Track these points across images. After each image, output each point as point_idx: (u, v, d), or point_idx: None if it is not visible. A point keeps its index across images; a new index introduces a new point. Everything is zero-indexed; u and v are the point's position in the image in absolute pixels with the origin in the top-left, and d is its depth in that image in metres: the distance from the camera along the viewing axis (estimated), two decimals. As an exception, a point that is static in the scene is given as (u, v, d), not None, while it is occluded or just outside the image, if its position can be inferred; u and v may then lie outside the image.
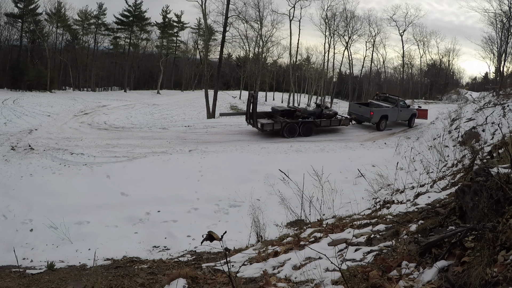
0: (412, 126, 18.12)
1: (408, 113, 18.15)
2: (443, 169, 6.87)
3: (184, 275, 3.12)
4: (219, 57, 24.98)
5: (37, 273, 4.51)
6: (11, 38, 40.29)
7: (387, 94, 20.00)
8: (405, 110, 17.98)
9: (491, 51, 35.93)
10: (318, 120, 15.21)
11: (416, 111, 18.64)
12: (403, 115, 18.04)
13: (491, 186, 2.44)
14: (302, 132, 14.64)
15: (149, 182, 8.80)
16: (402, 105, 18.05)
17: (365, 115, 17.07)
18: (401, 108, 17.72)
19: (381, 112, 17.16)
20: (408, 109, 18.23)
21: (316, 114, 15.51)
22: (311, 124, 14.87)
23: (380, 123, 16.95)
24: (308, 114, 15.30)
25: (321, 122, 15.18)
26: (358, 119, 17.63)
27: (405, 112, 18.09)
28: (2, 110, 20.42)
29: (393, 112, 17.53)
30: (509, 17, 25.36)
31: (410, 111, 18.21)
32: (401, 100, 18.61)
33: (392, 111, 17.46)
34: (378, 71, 51.19)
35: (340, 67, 43.74)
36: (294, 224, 5.41)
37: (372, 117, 16.75)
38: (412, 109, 18.67)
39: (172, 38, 53.90)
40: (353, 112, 17.81)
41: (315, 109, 16.21)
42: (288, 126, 14.29)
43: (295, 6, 32.66)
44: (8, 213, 7.25)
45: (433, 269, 2.22)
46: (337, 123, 15.95)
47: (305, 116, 15.09)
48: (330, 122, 15.59)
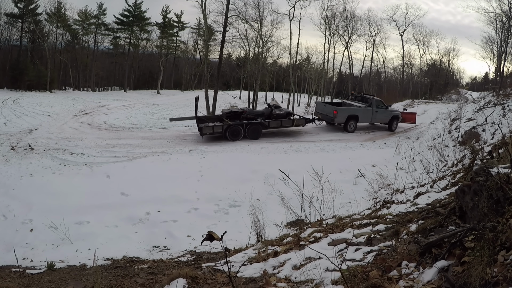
0: (393, 130, 16.60)
1: (387, 115, 16.73)
2: (443, 169, 6.87)
3: (184, 275, 3.12)
4: (219, 57, 24.96)
5: (37, 273, 4.51)
6: (11, 38, 40.32)
7: (362, 93, 18.75)
8: (382, 111, 16.61)
9: (491, 51, 35.97)
10: (267, 121, 14.24)
11: (399, 114, 17.16)
12: (380, 116, 16.64)
13: (491, 186, 2.44)
14: (248, 135, 13.74)
15: (149, 182, 8.79)
16: (379, 105, 16.64)
17: (329, 115, 15.75)
18: (377, 108, 16.34)
19: (347, 111, 15.84)
20: (387, 110, 16.80)
21: (265, 114, 14.56)
22: (257, 126, 13.96)
23: (348, 124, 15.64)
24: (255, 115, 14.46)
25: (269, 123, 14.20)
26: (323, 119, 16.38)
27: (383, 114, 16.66)
28: (2, 110, 20.42)
29: (365, 112, 16.10)
30: (509, 17, 25.35)
31: (389, 113, 16.80)
32: (379, 100, 17.25)
33: (364, 111, 16.07)
34: (378, 71, 51.21)
35: (340, 67, 43.78)
36: (294, 224, 5.41)
37: (336, 117, 15.43)
38: (393, 110, 17.19)
39: (172, 38, 53.90)
40: (319, 112, 16.66)
41: (264, 110, 15.17)
42: (231, 129, 13.49)
43: (295, 6, 32.61)
44: (8, 213, 7.25)
45: (433, 269, 2.22)
46: (290, 124, 14.81)
47: (252, 118, 14.24)
48: (281, 122, 14.52)
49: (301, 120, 15.24)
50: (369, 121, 16.53)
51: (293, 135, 15.19)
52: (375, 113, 16.32)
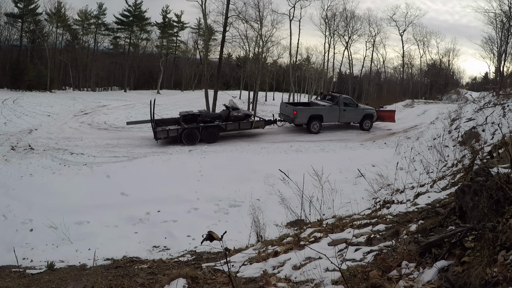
0: (367, 129, 15.93)
1: (358, 113, 16.01)
2: (443, 169, 6.87)
3: (184, 275, 3.12)
4: (219, 57, 24.96)
5: (37, 273, 4.51)
6: (11, 38, 40.31)
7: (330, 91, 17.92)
8: (352, 110, 15.86)
9: (491, 51, 35.99)
10: (224, 123, 13.79)
11: (373, 112, 16.39)
12: (350, 115, 15.91)
13: (491, 186, 2.44)
14: (204, 138, 13.30)
15: (149, 182, 8.79)
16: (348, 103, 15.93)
17: (290, 116, 15.08)
18: (345, 107, 15.62)
19: (309, 111, 15.13)
20: (357, 109, 16.06)
21: (222, 117, 14.11)
22: (213, 129, 13.55)
23: (311, 124, 14.99)
24: (212, 118, 14.03)
25: (226, 126, 13.76)
26: (286, 120, 15.70)
27: (353, 113, 15.92)
28: (2, 110, 20.41)
29: (331, 112, 15.35)
30: (509, 17, 25.36)
31: (360, 112, 16.07)
32: (348, 98, 16.55)
33: (330, 110, 15.33)
34: (378, 71, 51.22)
35: (340, 67, 43.84)
36: (294, 224, 5.41)
37: (296, 118, 14.78)
38: (365, 108, 16.43)
39: (172, 38, 53.90)
40: (282, 112, 16.01)
41: (222, 112, 14.68)
42: (187, 132, 13.05)
43: (295, 6, 32.65)
44: (8, 213, 7.25)
45: (433, 269, 2.22)
46: (248, 126, 14.29)
47: (208, 120, 13.82)
48: (239, 125, 14.04)
49: (260, 122, 14.62)
50: (336, 120, 15.84)
51: (293, 135, 15.19)
52: (342, 112, 15.63)
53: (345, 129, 16.57)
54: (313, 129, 15.13)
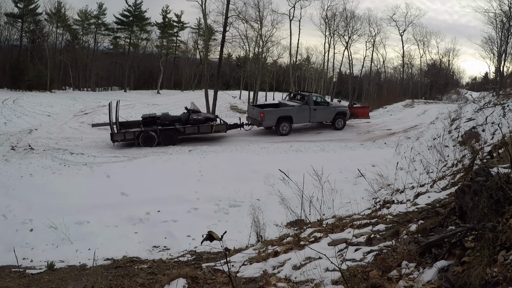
0: (340, 128, 15.48)
1: (330, 112, 15.47)
2: (443, 169, 6.86)
3: (184, 275, 3.12)
4: (219, 57, 24.98)
5: (37, 273, 4.51)
6: (11, 38, 40.33)
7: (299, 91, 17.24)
8: (323, 108, 15.33)
9: (491, 51, 36.00)
10: (182, 127, 13.43)
11: (346, 110, 15.99)
12: (321, 114, 15.35)
13: (491, 186, 2.44)
14: (162, 141, 12.91)
15: (149, 182, 8.80)
16: (319, 102, 15.43)
17: (257, 118, 14.38)
18: (315, 106, 15.08)
19: (277, 113, 14.50)
20: (328, 107, 15.57)
21: (182, 120, 13.79)
22: (171, 132, 13.18)
23: (280, 126, 14.33)
24: (171, 121, 13.66)
25: (185, 129, 13.37)
26: (253, 123, 15.02)
27: (324, 111, 15.37)
28: (2, 110, 20.43)
29: (301, 112, 14.73)
30: (509, 17, 25.38)
31: (332, 110, 15.53)
32: (318, 96, 16.07)
33: (299, 111, 14.71)
34: (378, 71, 51.24)
35: (340, 67, 43.83)
36: (294, 224, 5.41)
37: (263, 120, 14.09)
38: (337, 106, 15.99)
39: (172, 38, 53.91)
40: (249, 116, 15.45)
41: (182, 115, 14.30)
42: (144, 135, 12.80)
43: (295, 6, 32.70)
44: (8, 213, 7.25)
45: (433, 269, 2.22)
46: (208, 130, 13.74)
47: (167, 123, 13.51)
48: (198, 128, 13.57)
49: (221, 125, 14.07)
50: (307, 120, 15.30)
51: (293, 135, 15.19)
52: (313, 112, 15.01)
53: (345, 129, 16.58)
54: (282, 131, 14.50)
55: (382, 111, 23.86)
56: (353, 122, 18.99)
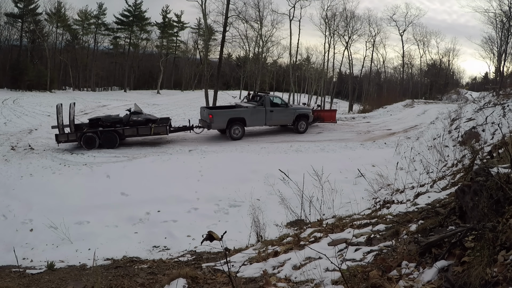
0: (302, 131, 14.56)
1: (289, 114, 14.53)
2: (443, 169, 6.86)
3: (184, 275, 3.12)
4: (219, 57, 24.99)
5: (37, 273, 4.52)
6: (11, 38, 40.35)
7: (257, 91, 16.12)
8: (281, 110, 14.39)
9: (491, 51, 36.01)
10: (122, 128, 12.95)
11: (309, 112, 14.98)
12: (279, 117, 14.40)
13: (491, 186, 2.44)
14: (103, 143, 12.49)
15: (149, 182, 8.79)
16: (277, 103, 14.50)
17: (207, 121, 13.59)
18: (272, 108, 14.13)
19: (228, 115, 13.65)
20: (287, 109, 14.62)
21: (123, 121, 13.34)
22: (111, 134, 12.71)
23: (231, 130, 13.51)
24: (112, 122, 13.20)
25: (124, 131, 12.89)
26: (204, 126, 14.23)
27: (282, 113, 14.41)
28: (2, 110, 20.43)
29: (256, 114, 13.80)
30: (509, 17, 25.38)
31: (292, 112, 14.58)
32: (276, 97, 15.12)
33: (253, 112, 13.78)
34: (378, 71, 51.24)
35: (340, 67, 43.82)
36: (294, 224, 5.42)
37: (212, 122, 13.32)
38: (297, 108, 15.08)
39: (172, 38, 53.93)
40: (201, 118, 14.67)
41: (123, 116, 13.74)
42: (85, 137, 12.47)
43: (295, 6, 32.69)
44: (8, 213, 7.25)
45: (433, 269, 2.22)
46: (148, 132, 13.08)
47: (108, 125, 13.08)
48: (137, 130, 13.02)
49: (161, 128, 13.29)
50: (263, 123, 14.24)
51: (292, 135, 15.18)
52: (269, 113, 14.04)
53: (345, 129, 16.58)
54: (234, 134, 13.57)
55: (382, 111, 23.85)
56: (353, 122, 19.00)
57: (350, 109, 36.67)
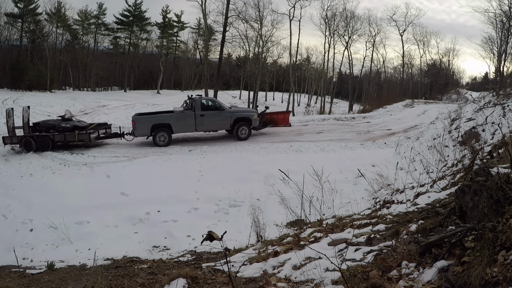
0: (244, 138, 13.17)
1: (225, 118, 13.02)
2: (443, 169, 6.86)
3: (184, 275, 3.13)
4: (219, 57, 25.01)
5: (37, 273, 4.52)
6: (11, 38, 40.40)
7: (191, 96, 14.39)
8: (214, 114, 13.01)
9: (491, 51, 36.02)
10: (51, 134, 12.78)
11: (251, 116, 13.30)
12: (212, 121, 13.06)
13: (491, 186, 2.44)
14: (38, 147, 12.31)
15: (149, 182, 8.80)
16: (210, 106, 13.18)
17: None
18: (203, 112, 12.89)
19: (151, 120, 12.71)
20: (223, 112, 13.08)
21: (56, 127, 13.20)
22: (44, 139, 12.55)
23: (156, 136, 12.57)
24: (47, 127, 13.07)
25: (54, 136, 12.68)
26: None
27: (217, 118, 13.03)
28: (2, 110, 20.42)
29: (183, 119, 12.72)
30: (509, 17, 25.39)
31: (228, 116, 13.03)
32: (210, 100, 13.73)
33: (180, 117, 12.72)
34: (378, 71, 51.26)
35: (340, 67, 43.83)
36: (294, 224, 5.42)
37: (135, 129, 12.59)
38: (236, 111, 13.49)
39: (172, 38, 53.95)
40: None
41: (56, 122, 13.55)
42: (24, 141, 12.42)
43: (295, 6, 32.69)
44: (8, 213, 7.26)
45: (433, 269, 2.22)
46: (73, 138, 12.64)
47: (43, 129, 12.98)
48: (65, 137, 12.70)
49: (84, 135, 12.78)
50: (193, 129, 13.02)
51: (293, 135, 15.19)
52: (199, 118, 12.80)
53: (345, 129, 16.58)
54: (159, 141, 12.58)
55: (382, 111, 23.85)
56: (353, 122, 18.99)
57: (350, 109, 36.70)
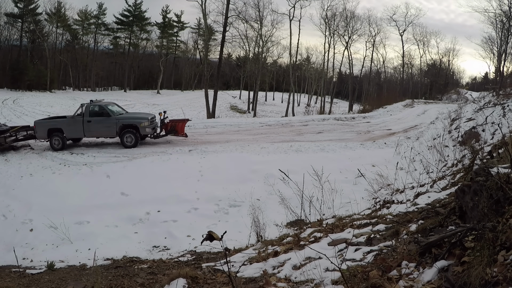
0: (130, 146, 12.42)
1: (110, 125, 12.43)
2: (443, 169, 6.87)
3: (184, 275, 3.13)
4: (219, 57, 25.01)
5: (37, 273, 4.52)
6: (11, 38, 40.47)
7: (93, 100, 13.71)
8: (101, 120, 12.47)
9: (491, 51, 36.01)
10: None
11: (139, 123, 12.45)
12: (99, 127, 12.53)
13: (491, 186, 2.44)
14: None
15: (149, 182, 8.79)
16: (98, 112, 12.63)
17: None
18: (91, 117, 12.42)
19: (47, 125, 12.71)
20: (108, 119, 12.48)
21: None
22: None
23: (51, 140, 12.40)
24: None
25: None
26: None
27: (102, 124, 12.47)
28: (2, 110, 20.44)
29: (73, 124, 12.47)
30: (509, 17, 25.38)
31: (113, 123, 12.44)
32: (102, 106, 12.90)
33: (71, 123, 12.53)
34: (378, 71, 51.27)
35: (340, 67, 43.84)
36: (294, 224, 5.42)
37: (36, 132, 12.63)
38: (123, 118, 12.73)
39: (172, 38, 54.00)
40: None
41: None
42: None
43: (295, 6, 32.72)
44: (8, 213, 7.26)
45: (433, 269, 2.22)
46: None
47: None
48: None
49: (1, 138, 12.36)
50: (82, 134, 12.71)
51: (292, 135, 15.19)
52: (87, 124, 12.42)
53: (345, 129, 16.58)
54: (54, 145, 12.42)
55: (382, 111, 23.86)
56: (353, 122, 18.99)
57: (350, 109, 36.70)
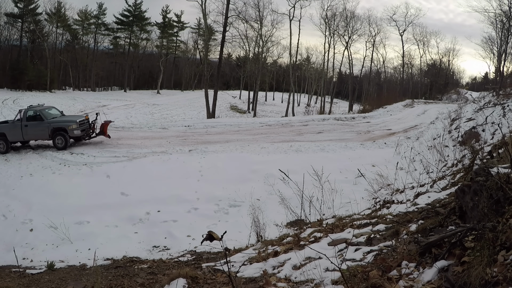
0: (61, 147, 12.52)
1: (44, 128, 12.64)
2: (443, 169, 6.86)
3: (184, 275, 3.13)
4: (219, 57, 25.00)
5: (37, 273, 4.52)
6: (11, 38, 40.45)
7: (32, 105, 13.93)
8: (36, 125, 12.65)
9: (491, 51, 36.00)
10: None
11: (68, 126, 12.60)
12: (35, 131, 12.75)
13: (491, 186, 2.44)
14: None
15: (149, 182, 8.79)
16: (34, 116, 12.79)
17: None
18: (28, 122, 12.63)
19: None
20: (42, 123, 12.66)
21: None
22: None
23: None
24: None
25: None
26: None
27: (38, 128, 12.68)
28: (2, 110, 20.44)
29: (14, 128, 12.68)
30: (509, 17, 25.37)
31: (46, 126, 12.64)
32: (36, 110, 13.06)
33: (12, 127, 12.73)
34: (378, 71, 51.25)
35: (340, 67, 43.83)
36: (294, 224, 5.42)
37: None
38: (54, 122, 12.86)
39: (172, 38, 53.98)
40: None
41: None
42: None
43: (295, 6, 32.68)
44: (8, 213, 7.26)
45: (433, 269, 2.22)
46: None
47: None
48: None
49: None
50: (21, 138, 12.92)
51: (292, 135, 15.19)
52: (25, 128, 12.62)
53: (345, 129, 16.58)
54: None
55: (382, 111, 23.87)
56: (353, 122, 19.00)
57: (350, 109, 36.70)
